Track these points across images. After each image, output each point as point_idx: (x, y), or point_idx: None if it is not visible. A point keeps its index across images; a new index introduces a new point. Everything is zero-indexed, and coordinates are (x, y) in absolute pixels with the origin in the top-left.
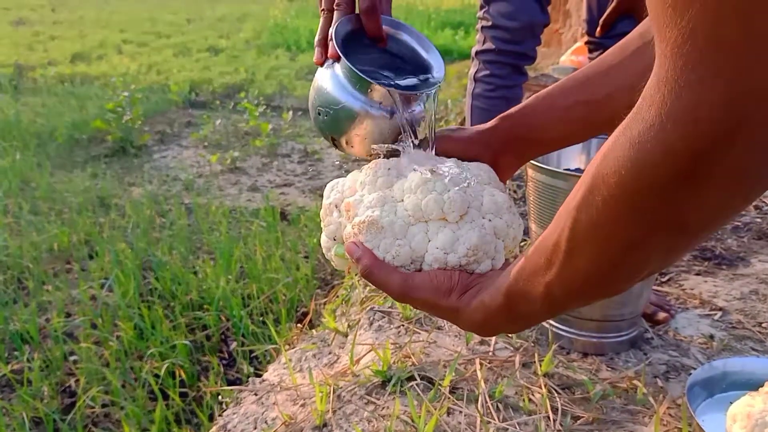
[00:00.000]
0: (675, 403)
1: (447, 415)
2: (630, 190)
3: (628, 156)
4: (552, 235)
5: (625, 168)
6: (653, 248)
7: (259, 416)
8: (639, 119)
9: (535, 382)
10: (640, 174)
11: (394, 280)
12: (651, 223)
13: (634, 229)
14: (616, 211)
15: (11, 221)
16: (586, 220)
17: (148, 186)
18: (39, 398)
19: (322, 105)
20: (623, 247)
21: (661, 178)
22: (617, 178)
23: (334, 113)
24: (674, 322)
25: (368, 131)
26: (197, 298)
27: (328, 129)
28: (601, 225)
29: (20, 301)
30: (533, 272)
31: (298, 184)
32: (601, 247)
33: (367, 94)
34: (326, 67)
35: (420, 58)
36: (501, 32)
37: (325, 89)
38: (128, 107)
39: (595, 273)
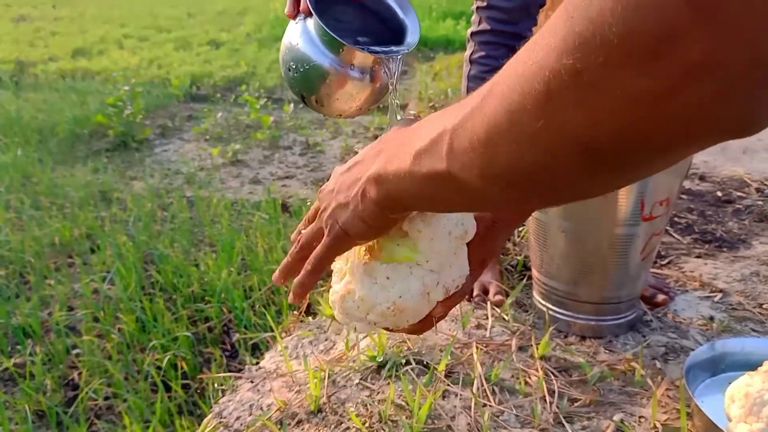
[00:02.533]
0: (674, 385)
1: (442, 399)
2: (544, 72)
3: (562, 29)
4: (481, 88)
5: (559, 41)
6: (556, 159)
7: (255, 403)
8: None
9: (532, 365)
10: (561, 54)
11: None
12: (559, 126)
13: (539, 125)
14: (527, 94)
15: (13, 216)
16: (521, 60)
17: (149, 180)
18: (41, 391)
19: (293, 61)
20: (521, 136)
21: (581, 64)
22: (546, 52)
23: (305, 71)
24: (673, 304)
25: (338, 91)
26: (199, 291)
27: (298, 86)
28: (526, 66)
29: (22, 295)
30: (444, 112)
31: (300, 176)
32: (510, 98)
33: (338, 53)
34: (298, 21)
35: (397, 18)
36: (496, 12)
37: (296, 45)
38: (129, 102)
39: (490, 131)
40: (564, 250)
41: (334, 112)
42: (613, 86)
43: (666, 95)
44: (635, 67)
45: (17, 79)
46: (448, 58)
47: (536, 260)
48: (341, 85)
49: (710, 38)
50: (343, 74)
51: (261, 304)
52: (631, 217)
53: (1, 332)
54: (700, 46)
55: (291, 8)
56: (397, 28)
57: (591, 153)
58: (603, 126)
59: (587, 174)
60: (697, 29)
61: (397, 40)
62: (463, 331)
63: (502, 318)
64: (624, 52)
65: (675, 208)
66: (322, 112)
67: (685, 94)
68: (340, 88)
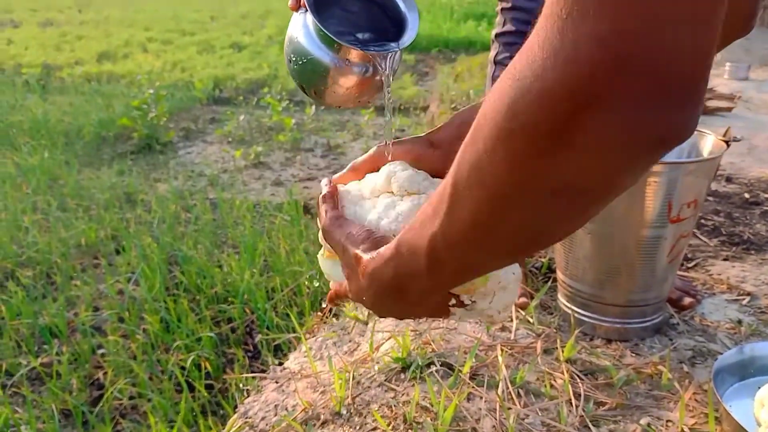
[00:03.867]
0: (701, 389)
1: (467, 401)
2: (506, 133)
3: (507, 92)
4: (442, 185)
5: (504, 105)
6: (537, 211)
7: (280, 403)
8: (524, 53)
9: (557, 368)
10: (516, 115)
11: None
12: (529, 179)
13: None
14: (494, 153)
15: (40, 218)
16: (468, 164)
17: (173, 182)
18: (68, 391)
19: (293, 53)
20: (502, 201)
21: (537, 125)
22: (495, 116)
23: (303, 64)
24: (701, 307)
25: (335, 85)
26: (222, 292)
27: (298, 77)
28: (481, 169)
29: (49, 295)
30: (422, 223)
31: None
32: (480, 196)
33: (335, 49)
34: (300, 14)
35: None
36: (521, 13)
37: (296, 38)
38: (153, 105)
39: (474, 226)
40: (590, 252)
41: (333, 103)
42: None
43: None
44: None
45: (44, 82)
46: (469, 60)
47: (561, 262)
48: (338, 80)
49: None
50: (340, 69)
51: (283, 305)
52: (658, 219)
53: (29, 332)
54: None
55: (294, 1)
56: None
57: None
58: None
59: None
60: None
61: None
62: (487, 333)
63: (527, 320)
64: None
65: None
66: (321, 103)
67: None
68: (337, 82)
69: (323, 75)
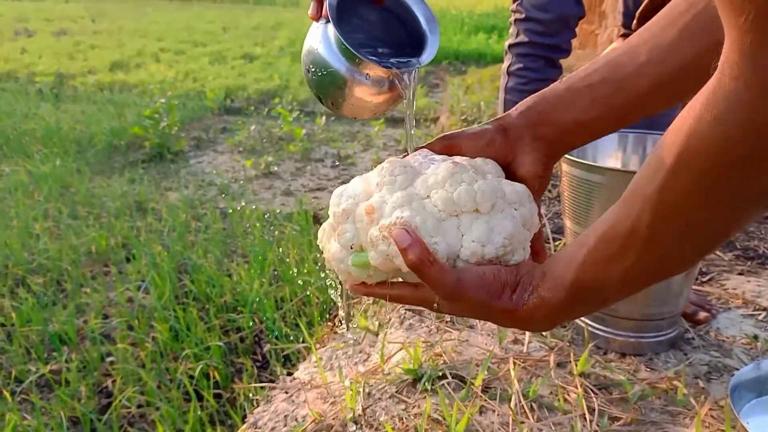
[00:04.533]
0: (717, 405)
1: (479, 414)
2: (717, 170)
3: (713, 134)
4: (624, 222)
5: (715, 146)
6: (737, 223)
7: (290, 414)
8: (722, 97)
9: (571, 382)
10: (727, 152)
11: (447, 279)
12: (738, 200)
13: (721, 208)
14: (703, 193)
15: (51, 225)
16: (670, 204)
17: (184, 191)
18: (76, 398)
19: (312, 64)
20: (709, 228)
21: (748, 156)
22: (707, 157)
23: (322, 75)
24: (716, 322)
25: (352, 97)
26: (231, 301)
27: (315, 88)
28: (687, 209)
29: (59, 302)
30: (605, 262)
31: (331, 189)
32: (685, 231)
33: (355, 63)
34: (320, 25)
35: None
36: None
37: (316, 50)
38: (165, 114)
39: (678, 256)
40: None
41: (349, 115)
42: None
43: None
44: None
45: (57, 91)
46: (479, 72)
47: None
48: (356, 92)
49: None
50: (359, 82)
51: (292, 315)
52: None
53: (38, 339)
54: None
55: (315, 10)
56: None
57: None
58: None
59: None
60: None
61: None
62: (499, 345)
63: (540, 333)
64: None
65: None
66: (337, 113)
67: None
68: (355, 94)
69: (341, 87)
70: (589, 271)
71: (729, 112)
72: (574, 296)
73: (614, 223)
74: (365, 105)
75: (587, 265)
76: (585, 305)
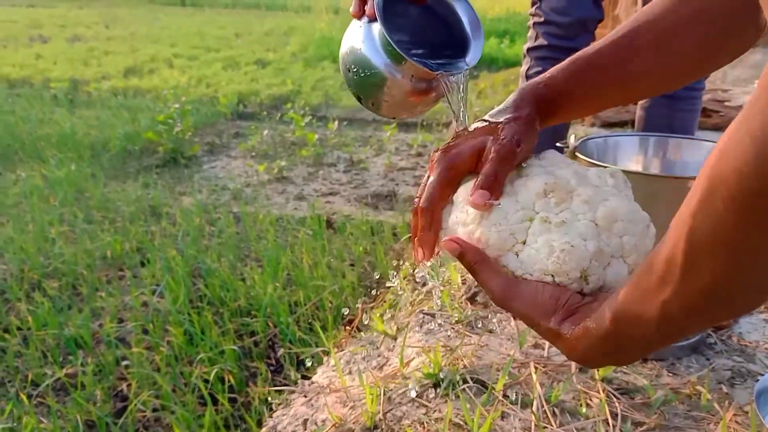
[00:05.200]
0: (742, 410)
1: (501, 419)
2: (754, 190)
3: (749, 151)
4: (664, 249)
5: (747, 165)
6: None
7: (309, 417)
8: (758, 111)
9: (593, 387)
10: (764, 171)
11: (497, 283)
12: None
13: (760, 235)
14: (739, 215)
15: (67, 230)
16: (705, 228)
17: (197, 195)
18: (92, 402)
19: (354, 64)
20: (750, 255)
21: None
22: (738, 178)
23: (365, 76)
24: (738, 326)
25: (396, 98)
26: (245, 305)
27: (356, 88)
28: (723, 232)
29: (74, 307)
30: (645, 292)
31: (344, 193)
32: (724, 258)
33: (401, 65)
34: (362, 23)
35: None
36: (553, 28)
37: (359, 50)
38: (179, 119)
39: (719, 287)
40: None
41: (389, 115)
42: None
43: None
44: None
45: (71, 96)
46: (492, 77)
47: None
48: (400, 94)
49: None
50: (403, 84)
51: (306, 319)
52: None
53: (54, 343)
54: None
55: (357, 8)
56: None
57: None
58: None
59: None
60: None
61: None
62: (520, 350)
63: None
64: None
65: None
66: (377, 113)
67: None
68: (399, 96)
69: (385, 88)
70: (631, 302)
71: (764, 127)
72: (617, 330)
73: (657, 250)
74: (407, 105)
75: (629, 296)
76: (629, 342)
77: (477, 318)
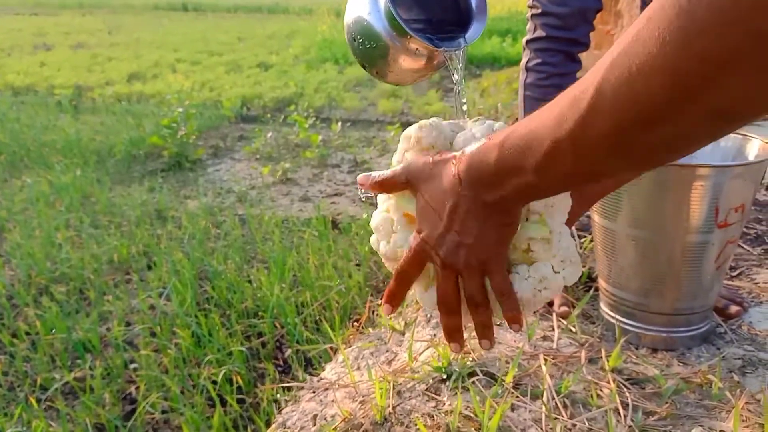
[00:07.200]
0: (754, 398)
1: (511, 411)
2: (673, 61)
3: (675, 24)
4: (570, 92)
5: (671, 35)
6: (686, 128)
7: (318, 413)
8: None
9: (603, 378)
10: (688, 44)
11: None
12: (688, 100)
13: (668, 99)
14: (652, 80)
15: (73, 234)
16: (620, 75)
17: (203, 198)
18: (101, 405)
19: (360, 34)
20: (652, 115)
21: (711, 50)
22: (659, 47)
23: (371, 47)
24: (747, 316)
25: (400, 68)
26: (252, 306)
27: (361, 58)
28: (634, 83)
29: (82, 311)
30: (540, 124)
31: (349, 194)
32: (627, 106)
33: (406, 38)
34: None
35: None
36: (551, 19)
37: (365, 20)
38: (183, 123)
39: (614, 134)
40: (634, 260)
41: (392, 82)
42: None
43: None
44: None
45: (76, 103)
46: (495, 75)
47: (604, 270)
48: (404, 64)
49: None
50: (408, 56)
51: (313, 319)
52: (705, 224)
53: (63, 347)
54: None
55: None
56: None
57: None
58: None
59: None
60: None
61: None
62: (528, 342)
63: (569, 330)
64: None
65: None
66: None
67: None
68: (403, 65)
69: (389, 58)
70: (520, 130)
71: (692, 2)
72: (501, 149)
73: (562, 94)
74: (411, 73)
75: (521, 125)
76: (509, 164)
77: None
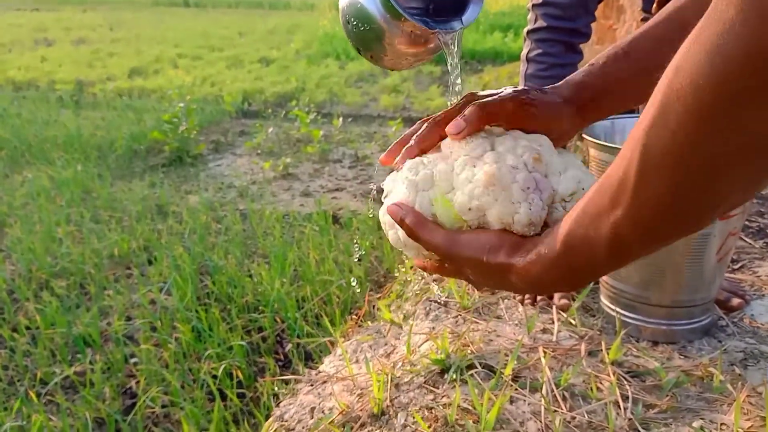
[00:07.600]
0: (755, 391)
1: (510, 404)
2: (709, 104)
3: (704, 63)
4: (617, 171)
5: (703, 77)
6: (738, 172)
7: (316, 406)
8: (715, 20)
9: (603, 371)
10: (720, 83)
11: (438, 237)
12: (735, 141)
13: (716, 150)
14: (694, 130)
15: (74, 229)
16: (658, 144)
17: (204, 193)
18: (101, 399)
19: (354, 17)
20: (703, 172)
21: (746, 88)
22: (693, 91)
23: (365, 30)
24: (749, 308)
25: (395, 52)
26: (253, 301)
27: (356, 41)
28: (677, 148)
29: (83, 305)
30: (597, 214)
31: (350, 189)
32: (676, 175)
33: (401, 21)
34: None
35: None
36: (552, 9)
37: (359, 3)
38: (184, 118)
39: (669, 205)
40: None
41: (389, 67)
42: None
43: None
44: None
45: (77, 98)
46: (497, 70)
47: None
48: (399, 47)
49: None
50: (402, 39)
51: (313, 314)
52: None
53: (63, 341)
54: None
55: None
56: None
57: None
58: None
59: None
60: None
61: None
62: (528, 335)
63: (569, 322)
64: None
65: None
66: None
67: None
68: (398, 49)
69: (384, 42)
70: (582, 225)
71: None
72: (567, 252)
73: (610, 172)
74: (407, 57)
75: (580, 218)
76: (580, 265)
77: (484, 304)
